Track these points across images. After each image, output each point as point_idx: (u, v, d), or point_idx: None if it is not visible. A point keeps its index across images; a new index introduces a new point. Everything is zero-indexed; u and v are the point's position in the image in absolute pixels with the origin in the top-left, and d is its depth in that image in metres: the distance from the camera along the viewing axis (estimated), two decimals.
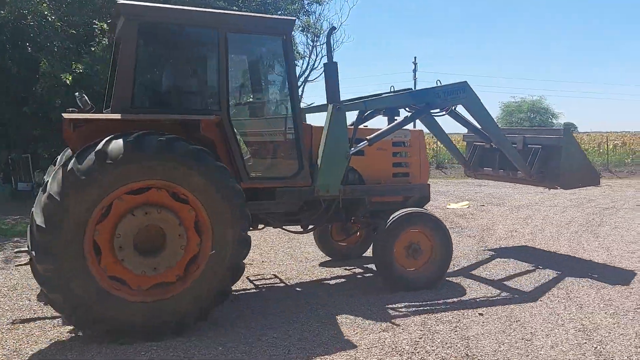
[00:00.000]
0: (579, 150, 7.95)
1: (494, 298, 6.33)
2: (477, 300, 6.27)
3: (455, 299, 6.27)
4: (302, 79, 28.42)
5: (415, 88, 9.05)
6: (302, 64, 27.54)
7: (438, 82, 7.16)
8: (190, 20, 5.67)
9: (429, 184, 7.29)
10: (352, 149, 6.39)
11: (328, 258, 8.32)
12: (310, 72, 28.29)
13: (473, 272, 7.58)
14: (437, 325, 5.45)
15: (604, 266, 7.81)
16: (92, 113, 5.49)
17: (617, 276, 7.20)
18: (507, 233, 10.42)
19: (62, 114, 5.01)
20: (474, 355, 4.72)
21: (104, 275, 4.83)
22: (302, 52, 26.36)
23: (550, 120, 32.73)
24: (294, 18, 6.05)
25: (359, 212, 6.88)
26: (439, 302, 6.18)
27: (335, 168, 6.22)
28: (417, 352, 4.78)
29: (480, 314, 5.73)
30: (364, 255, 8.38)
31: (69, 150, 5.46)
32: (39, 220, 4.54)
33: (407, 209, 6.58)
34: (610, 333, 5.17)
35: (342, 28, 38.56)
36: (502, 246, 9.33)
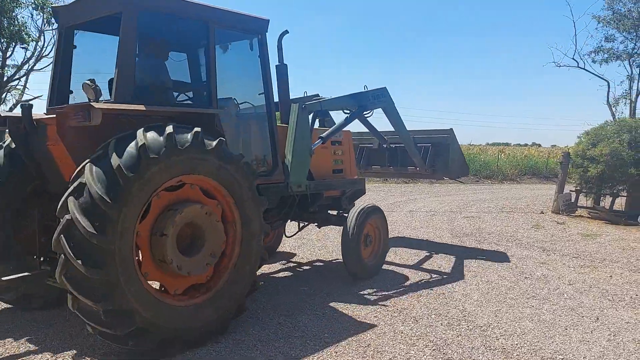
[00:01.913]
0: (458, 146, 9.18)
1: (328, 319, 5.62)
2: (307, 326, 5.47)
3: (282, 320, 5.38)
4: (26, 67, 24.12)
5: None
6: (32, 48, 23.38)
7: (365, 87, 7.62)
8: (185, 12, 5.38)
9: (364, 179, 8.20)
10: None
11: None
12: (37, 60, 24.15)
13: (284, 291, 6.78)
14: None
15: (408, 272, 7.83)
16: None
17: (424, 281, 7.25)
18: (297, 241, 9.92)
19: (91, 103, 4.38)
20: None
21: (145, 280, 4.39)
22: (33, 35, 22.26)
23: None
24: (267, 18, 6.06)
25: (312, 207, 7.27)
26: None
27: (303, 164, 6.54)
28: None
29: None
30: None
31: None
32: (86, 225, 3.92)
33: (367, 203, 7.42)
34: (461, 348, 4.90)
35: None
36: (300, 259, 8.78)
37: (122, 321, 4.10)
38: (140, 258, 4.46)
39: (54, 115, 4.64)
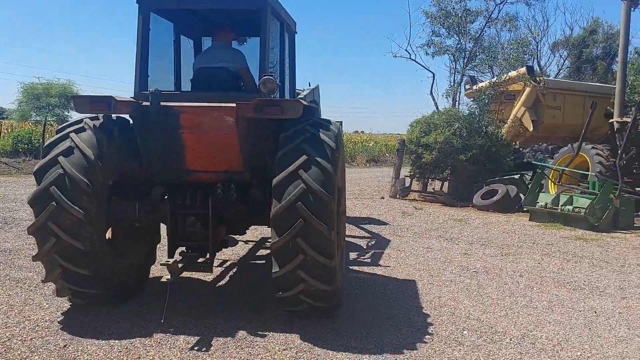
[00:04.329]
0: None
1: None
2: None
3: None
4: None
5: None
6: None
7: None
8: (280, 13, 5.83)
9: None
10: None
11: None
12: None
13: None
14: None
15: (355, 275, 7.03)
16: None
17: (390, 287, 6.58)
18: None
19: (299, 99, 5.19)
20: None
21: None
22: None
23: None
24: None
25: None
26: None
27: None
28: None
29: None
30: None
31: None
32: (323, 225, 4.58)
33: None
34: None
35: None
36: None
37: (334, 296, 5.03)
38: None
39: (211, 105, 4.94)
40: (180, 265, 5.19)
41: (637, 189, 12.79)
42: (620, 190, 11.32)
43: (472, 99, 20.71)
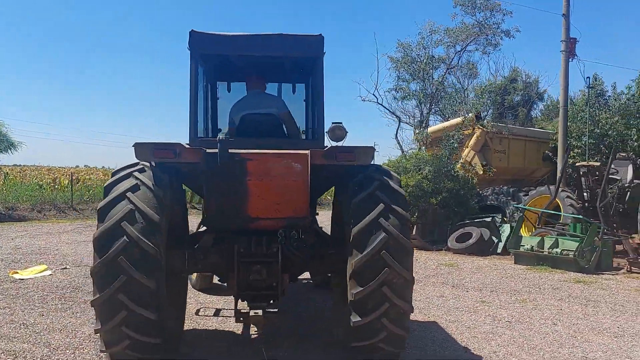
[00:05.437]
0: None
1: None
2: None
3: None
4: None
5: None
6: None
7: None
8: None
9: None
10: None
11: None
12: None
13: None
14: None
15: None
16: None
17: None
18: None
19: (372, 146, 5.06)
20: None
21: None
22: None
23: (10, 151, 27.05)
24: None
25: None
26: None
27: None
28: None
29: None
30: None
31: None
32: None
33: None
34: None
35: None
36: None
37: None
38: None
39: (282, 152, 4.88)
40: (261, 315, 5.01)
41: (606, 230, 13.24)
42: (602, 232, 11.62)
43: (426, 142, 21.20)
